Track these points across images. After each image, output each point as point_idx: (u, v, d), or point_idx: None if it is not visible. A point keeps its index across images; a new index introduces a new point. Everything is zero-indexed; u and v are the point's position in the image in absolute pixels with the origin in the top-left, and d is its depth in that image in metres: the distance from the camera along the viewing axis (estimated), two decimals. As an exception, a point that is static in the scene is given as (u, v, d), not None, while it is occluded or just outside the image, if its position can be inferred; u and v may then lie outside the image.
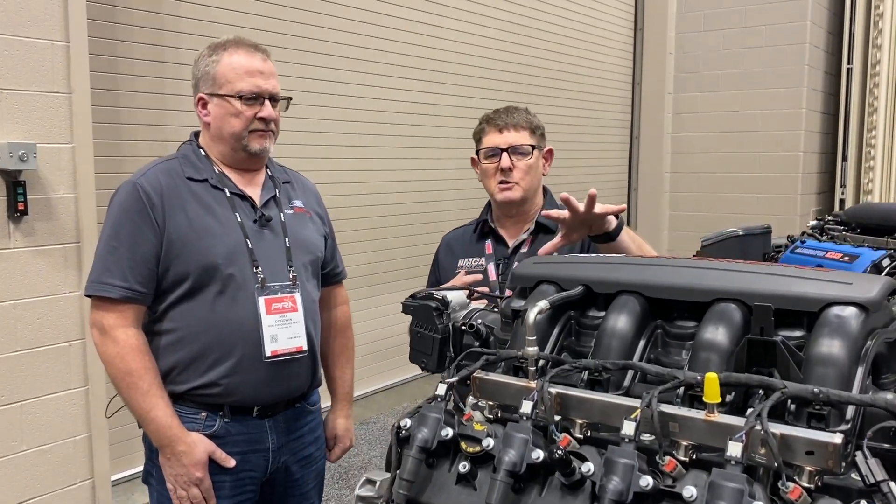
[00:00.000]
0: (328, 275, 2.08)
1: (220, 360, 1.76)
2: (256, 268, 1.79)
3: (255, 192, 1.89)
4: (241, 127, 1.81)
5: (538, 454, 0.88)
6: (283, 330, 1.81)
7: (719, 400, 0.86)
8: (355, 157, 4.99)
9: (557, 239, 1.59)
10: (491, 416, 1.03)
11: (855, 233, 3.27)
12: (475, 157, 2.10)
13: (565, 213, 1.58)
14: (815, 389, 0.85)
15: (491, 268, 2.05)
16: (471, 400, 1.05)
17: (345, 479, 3.88)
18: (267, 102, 1.83)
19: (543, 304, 1.01)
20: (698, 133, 7.66)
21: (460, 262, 2.10)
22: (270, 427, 1.85)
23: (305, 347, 1.84)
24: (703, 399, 0.86)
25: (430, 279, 2.21)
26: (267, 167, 1.97)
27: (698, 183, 7.71)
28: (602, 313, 1.10)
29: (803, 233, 3.49)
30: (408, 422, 0.99)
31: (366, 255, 5.11)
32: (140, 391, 1.71)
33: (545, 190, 2.15)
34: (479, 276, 1.94)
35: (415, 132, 5.41)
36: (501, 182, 2.02)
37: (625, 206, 1.69)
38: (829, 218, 3.51)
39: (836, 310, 0.93)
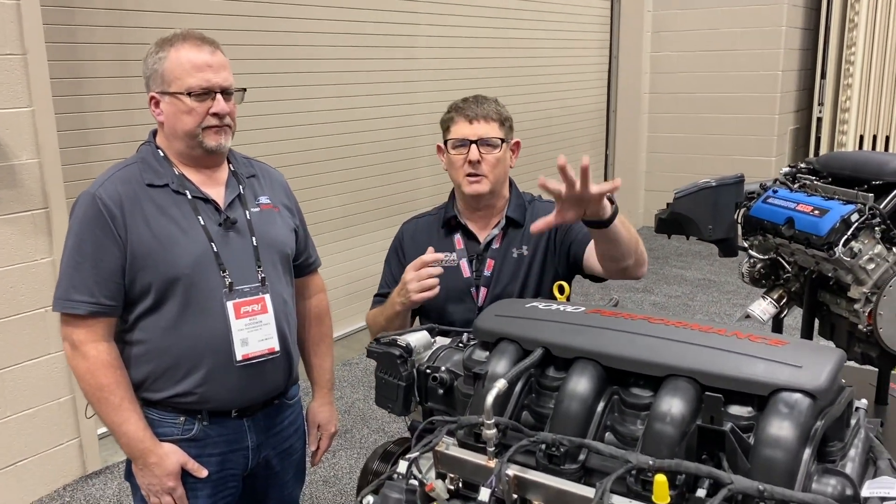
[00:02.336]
0: (301, 266, 2.07)
1: (193, 370, 1.78)
2: (224, 272, 1.78)
3: (218, 193, 1.86)
4: (194, 124, 1.76)
5: (494, 545, 0.92)
6: (254, 333, 1.82)
7: (668, 501, 0.90)
8: (328, 96, 4.87)
9: (551, 218, 1.48)
10: (452, 488, 1.06)
11: (827, 182, 3.29)
12: (442, 145, 2.06)
13: (561, 187, 1.44)
14: (760, 487, 0.88)
15: (464, 264, 2.04)
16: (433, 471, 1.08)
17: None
18: (219, 97, 1.77)
19: (502, 384, 1.02)
20: (677, 52, 7.53)
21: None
22: (249, 426, 1.89)
23: (278, 349, 1.85)
24: (653, 499, 0.89)
25: (393, 269, 2.14)
26: (230, 162, 1.92)
27: (677, 103, 7.64)
28: (561, 374, 1.12)
29: (776, 180, 3.50)
30: (370, 500, 1.02)
31: (340, 196, 5.07)
32: (111, 405, 1.73)
33: (511, 183, 2.12)
34: (442, 256, 1.92)
35: (389, 66, 5.27)
36: (470, 175, 1.98)
37: (619, 181, 1.52)
38: (802, 166, 3.50)
39: (784, 397, 0.95)
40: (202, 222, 1.79)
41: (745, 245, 3.47)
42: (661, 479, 0.89)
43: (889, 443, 3.17)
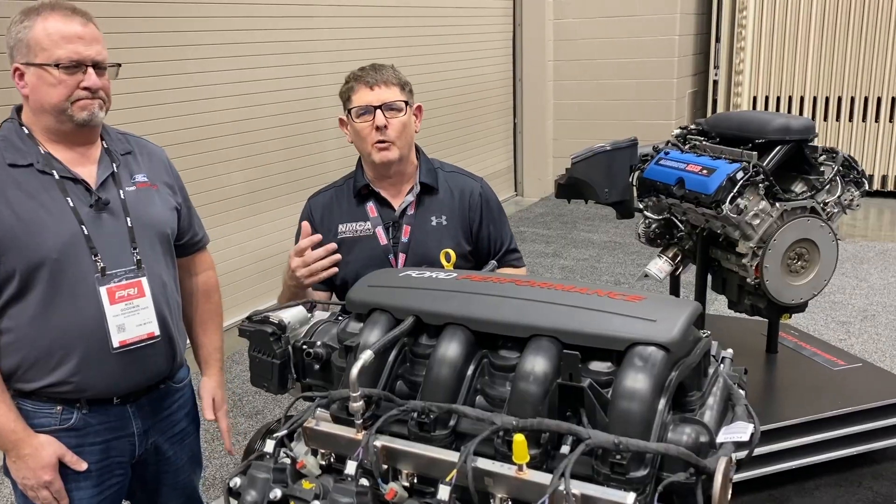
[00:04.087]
0: (187, 244, 2.00)
1: (66, 358, 1.70)
2: (95, 256, 1.70)
3: (89, 172, 1.76)
4: (62, 98, 1.66)
5: (360, 518, 0.92)
6: (131, 318, 1.75)
7: (527, 459, 0.91)
8: (224, 69, 4.69)
9: None
10: (324, 463, 1.05)
11: (715, 142, 3.40)
12: (344, 118, 2.03)
13: None
14: (616, 440, 0.90)
15: (380, 231, 2.02)
16: (303, 447, 1.07)
17: (239, 407, 3.93)
18: (90, 70, 1.67)
19: (367, 356, 1.01)
20: (579, 19, 7.61)
21: (341, 227, 2.06)
22: (134, 413, 1.83)
23: (157, 333, 1.79)
24: (513, 459, 0.90)
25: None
26: (103, 139, 1.83)
27: (580, 70, 7.75)
28: (433, 342, 1.12)
29: (667, 142, 3.60)
30: (237, 481, 1.00)
31: (243, 172, 4.92)
32: None
33: (418, 148, 2.11)
34: (318, 237, 1.91)
35: (287, 37, 5.12)
36: (378, 142, 1.96)
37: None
38: (692, 127, 3.61)
39: (639, 350, 0.97)
40: (71, 204, 1.70)
41: (641, 206, 3.57)
42: (519, 439, 0.90)
43: (779, 387, 3.32)
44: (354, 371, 0.99)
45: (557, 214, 7.46)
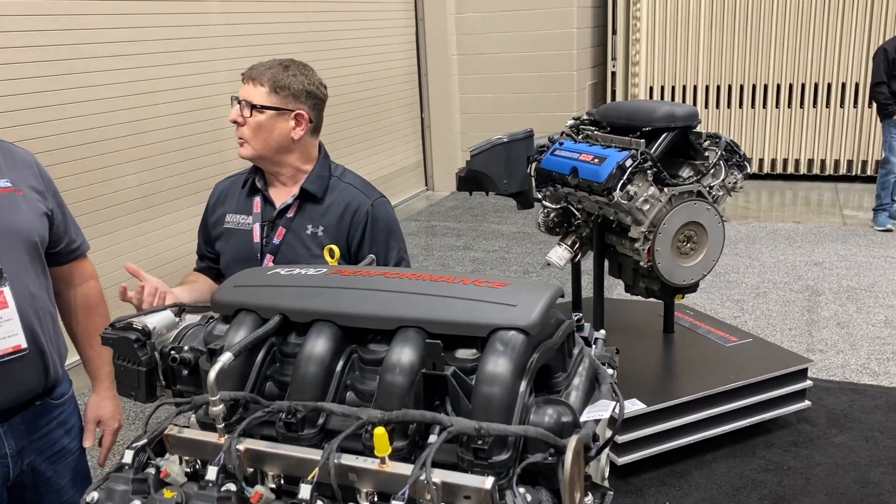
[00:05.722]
0: (63, 252, 1.90)
1: None
2: None
3: None
4: None
5: (222, 525, 0.89)
6: None
7: (389, 452, 0.90)
8: (116, 67, 4.50)
9: None
10: (189, 470, 1.02)
11: (606, 131, 3.49)
12: None
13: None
14: (477, 426, 0.91)
15: (256, 228, 2.01)
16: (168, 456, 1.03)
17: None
18: None
19: (226, 358, 0.98)
20: (480, 13, 7.68)
21: (228, 217, 2.06)
22: (6, 432, 1.73)
23: (24, 346, 1.69)
24: (375, 453, 0.90)
25: (202, 231, 2.17)
26: None
27: (484, 64, 7.82)
28: (301, 340, 1.10)
29: (562, 133, 3.68)
30: (94, 496, 0.96)
31: (137, 175, 4.75)
32: None
33: (321, 156, 2.06)
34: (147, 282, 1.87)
35: (180, 34, 4.96)
36: (239, 137, 1.96)
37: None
38: (585, 117, 3.70)
39: (500, 335, 0.98)
40: None
41: (539, 196, 3.63)
42: (379, 432, 0.90)
43: (675, 366, 3.43)
44: (212, 374, 0.96)
45: (468, 207, 7.51)
